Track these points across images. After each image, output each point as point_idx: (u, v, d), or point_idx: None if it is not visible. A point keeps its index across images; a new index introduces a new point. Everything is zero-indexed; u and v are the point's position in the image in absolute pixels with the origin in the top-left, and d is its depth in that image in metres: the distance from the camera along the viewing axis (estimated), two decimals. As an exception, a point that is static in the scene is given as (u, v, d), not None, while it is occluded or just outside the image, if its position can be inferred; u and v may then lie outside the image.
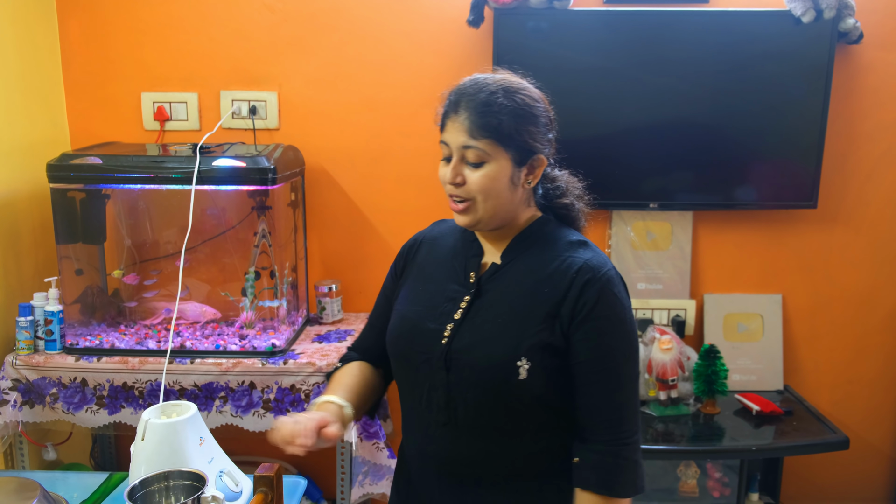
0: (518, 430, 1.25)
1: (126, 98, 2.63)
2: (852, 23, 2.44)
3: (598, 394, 1.23)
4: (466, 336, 1.25)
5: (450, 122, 1.24)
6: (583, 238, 1.33)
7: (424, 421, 1.30)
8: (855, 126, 2.63)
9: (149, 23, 2.58)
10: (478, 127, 1.20)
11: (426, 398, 1.28)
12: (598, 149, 2.56)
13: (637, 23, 2.48)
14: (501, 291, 1.27)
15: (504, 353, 1.21)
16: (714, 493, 2.56)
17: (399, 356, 1.34)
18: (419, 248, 1.42)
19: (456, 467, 1.28)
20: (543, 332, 1.21)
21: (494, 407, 1.23)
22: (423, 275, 1.37)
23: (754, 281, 2.75)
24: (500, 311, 1.25)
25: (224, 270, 2.48)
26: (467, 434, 1.25)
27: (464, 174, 1.23)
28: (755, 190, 2.59)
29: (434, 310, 1.30)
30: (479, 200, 1.23)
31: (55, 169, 2.19)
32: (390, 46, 2.59)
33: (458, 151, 1.23)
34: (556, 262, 1.26)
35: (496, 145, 1.21)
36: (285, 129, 2.64)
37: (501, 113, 1.21)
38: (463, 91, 1.24)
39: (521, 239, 1.30)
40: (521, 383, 1.20)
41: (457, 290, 1.30)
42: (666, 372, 2.46)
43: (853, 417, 2.82)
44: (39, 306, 2.23)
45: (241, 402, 2.19)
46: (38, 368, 2.20)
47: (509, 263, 1.29)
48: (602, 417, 1.23)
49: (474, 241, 1.34)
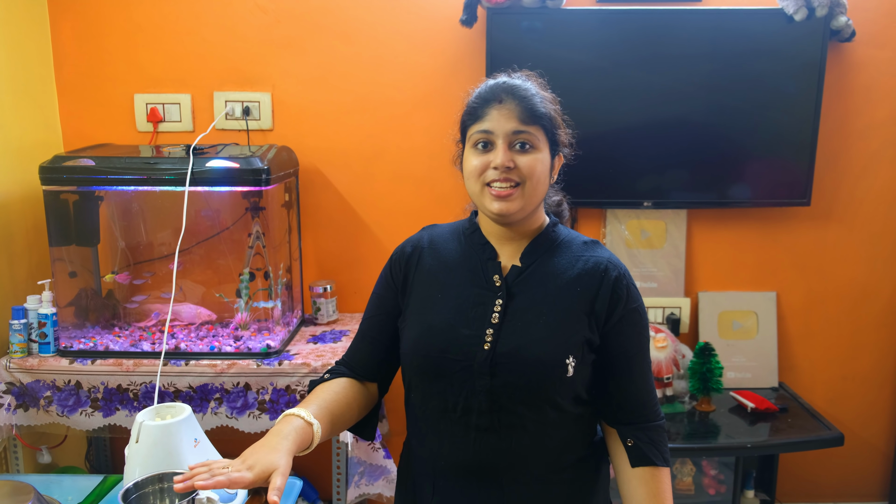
0: (553, 427, 1.28)
1: (119, 99, 2.62)
2: (844, 21, 2.44)
3: (637, 380, 1.32)
4: (512, 339, 1.26)
5: (494, 111, 1.27)
6: (592, 238, 1.40)
7: (460, 429, 1.28)
8: (847, 124, 2.64)
9: (141, 24, 2.58)
10: (529, 114, 1.26)
11: (462, 405, 1.27)
12: (593, 147, 2.54)
13: (630, 21, 2.49)
14: (534, 293, 1.29)
15: (554, 352, 1.24)
16: (710, 491, 2.57)
17: (428, 367, 1.30)
18: (421, 255, 1.38)
19: (498, 471, 1.28)
20: (584, 329, 1.27)
21: (539, 405, 1.25)
22: (437, 282, 1.35)
23: (749, 278, 2.75)
24: (543, 312, 1.27)
25: (218, 272, 2.48)
26: (511, 436, 1.26)
27: (514, 159, 1.26)
28: (749, 188, 2.59)
29: (463, 315, 1.29)
30: (529, 184, 1.26)
31: (48, 171, 2.18)
32: (384, 46, 2.59)
33: (506, 138, 1.26)
34: (580, 262, 1.32)
35: (542, 133, 1.28)
36: (279, 130, 2.64)
37: (543, 105, 1.29)
38: (503, 82, 1.31)
39: (540, 241, 1.34)
40: (568, 380, 1.25)
41: (482, 294, 1.30)
42: (661, 370, 2.47)
43: (848, 414, 2.83)
44: (33, 309, 2.22)
45: (237, 404, 2.18)
46: (31, 371, 2.19)
47: (532, 265, 1.31)
48: (641, 400, 1.32)
49: (486, 244, 1.34)
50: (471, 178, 1.29)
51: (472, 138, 1.29)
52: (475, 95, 1.33)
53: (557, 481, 1.31)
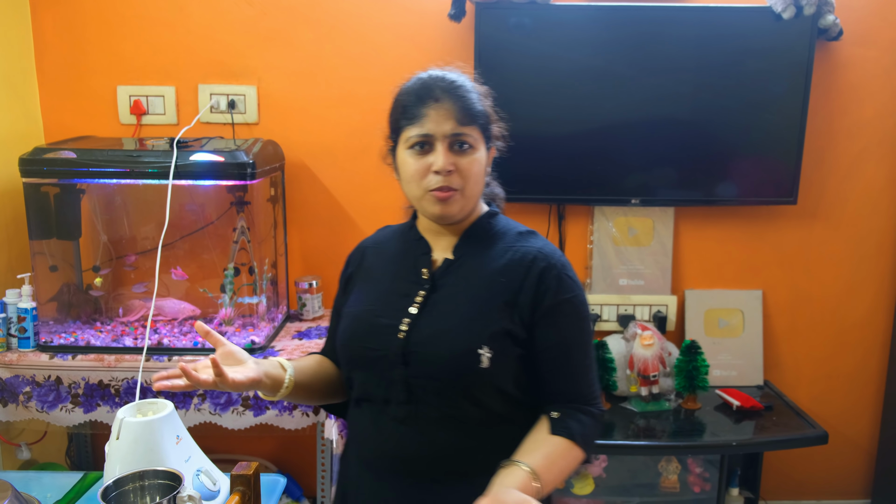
0: (476, 423, 1.25)
1: (101, 91, 2.59)
2: (832, 19, 2.45)
3: (576, 372, 1.29)
4: (426, 329, 1.25)
5: (431, 111, 1.24)
6: (530, 229, 1.37)
7: (381, 420, 1.28)
8: (834, 122, 2.65)
9: (124, 14, 2.54)
10: (466, 113, 1.24)
11: (384, 396, 1.27)
12: (580, 144, 2.55)
13: (618, 18, 2.48)
14: (457, 284, 1.28)
15: (466, 341, 1.22)
16: (695, 489, 2.57)
17: (352, 356, 1.33)
18: (364, 254, 1.44)
19: (414, 465, 1.27)
20: (503, 321, 1.24)
21: (456, 398, 1.23)
22: (373, 277, 1.38)
23: (735, 277, 2.76)
24: (459, 303, 1.26)
25: (202, 266, 2.45)
26: (428, 430, 1.25)
27: (454, 161, 1.24)
28: (736, 186, 2.60)
29: (387, 307, 1.30)
30: (468, 187, 1.26)
31: (28, 163, 2.14)
32: (371, 40, 2.57)
33: (444, 140, 1.23)
34: (509, 253, 1.29)
35: (479, 133, 1.27)
36: (265, 124, 2.61)
37: (479, 102, 1.28)
38: (435, 80, 1.27)
39: (471, 233, 1.33)
40: (483, 372, 1.21)
41: (409, 287, 1.31)
42: (647, 367, 2.46)
43: (832, 412, 2.84)
44: (12, 303, 2.19)
45: (220, 400, 2.16)
46: (10, 366, 2.15)
47: (462, 257, 1.31)
48: (581, 392, 1.29)
49: (420, 240, 1.36)
50: (411, 182, 1.27)
51: (408, 140, 1.27)
52: (408, 92, 1.29)
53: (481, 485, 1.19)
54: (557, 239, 2.71)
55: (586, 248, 2.73)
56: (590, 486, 2.57)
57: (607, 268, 2.70)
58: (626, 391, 2.53)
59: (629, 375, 2.52)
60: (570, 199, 2.64)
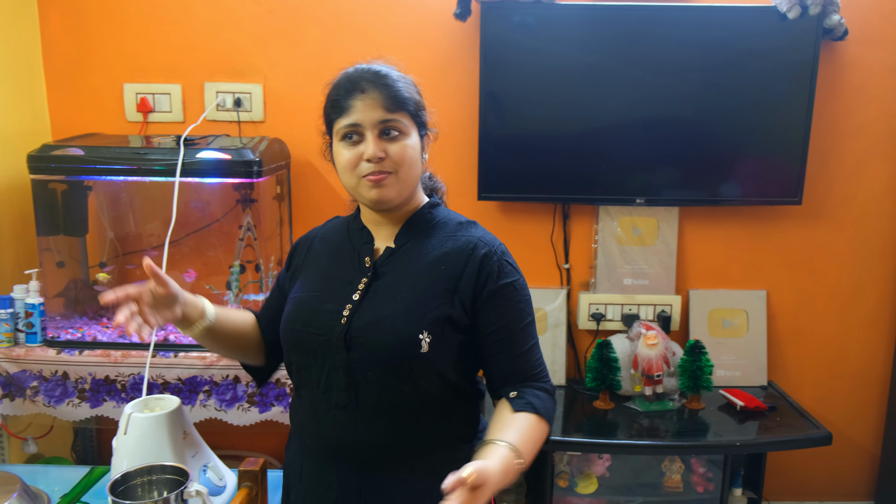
0: (419, 410, 1.27)
1: (108, 89, 2.60)
2: (837, 19, 2.45)
3: (522, 354, 1.30)
4: (367, 314, 1.27)
5: (358, 102, 1.27)
6: (470, 219, 1.40)
7: (323, 407, 1.30)
8: (839, 123, 2.65)
9: (131, 12, 2.55)
10: (393, 101, 1.27)
11: (325, 382, 1.29)
12: (585, 144, 2.56)
13: (622, 18, 2.48)
14: (399, 272, 1.31)
15: (406, 327, 1.24)
16: (698, 489, 2.57)
17: (294, 340, 1.34)
18: (311, 243, 1.46)
19: (356, 452, 1.28)
20: (443, 307, 1.26)
21: (396, 384, 1.25)
22: (318, 265, 1.41)
23: (739, 277, 2.76)
24: (401, 290, 1.28)
25: (208, 264, 2.46)
26: (368, 416, 1.26)
27: (384, 148, 1.27)
28: (740, 186, 2.60)
29: (331, 293, 1.33)
30: (401, 171, 1.28)
31: (36, 160, 2.15)
32: (376, 39, 2.58)
33: (374, 127, 1.26)
34: (450, 242, 1.32)
35: (409, 119, 1.30)
36: (270, 122, 2.62)
37: (406, 90, 1.31)
38: (359, 72, 1.31)
39: (413, 222, 1.36)
40: (423, 357, 1.23)
41: (353, 275, 1.33)
42: (651, 367, 2.47)
43: (836, 413, 2.84)
44: (20, 298, 2.20)
45: (226, 396, 2.17)
46: (18, 361, 2.17)
47: (403, 246, 1.34)
48: (529, 373, 1.31)
49: (363, 229, 1.38)
50: (346, 172, 1.30)
51: (339, 132, 1.30)
52: (336, 87, 1.32)
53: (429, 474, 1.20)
54: (562, 238, 2.72)
55: (591, 247, 2.73)
56: (593, 486, 2.57)
57: (612, 267, 2.70)
58: (630, 391, 2.53)
59: (633, 375, 2.52)
60: (574, 198, 2.64)
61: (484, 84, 2.49)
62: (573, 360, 2.79)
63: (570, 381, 2.73)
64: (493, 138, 2.53)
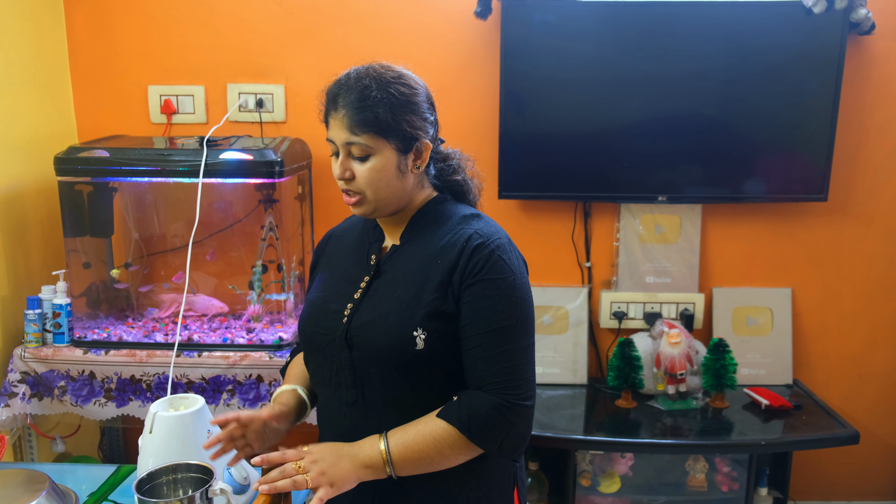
0: (423, 403, 1.26)
1: (133, 91, 2.63)
2: (864, 13, 2.41)
3: (488, 358, 1.23)
4: (365, 313, 1.28)
5: (332, 120, 1.27)
6: (476, 211, 1.37)
7: (335, 404, 1.33)
8: (866, 118, 2.61)
9: (155, 15, 2.58)
10: (356, 122, 1.23)
11: (335, 380, 1.31)
12: (607, 141, 2.54)
13: (644, 15, 2.46)
14: (398, 269, 1.31)
15: (400, 324, 1.24)
16: (723, 488, 2.55)
17: (307, 340, 1.37)
18: (328, 242, 1.49)
19: None
20: (436, 301, 1.24)
21: (398, 380, 1.25)
22: (332, 264, 1.43)
23: (764, 274, 2.73)
24: (397, 287, 1.28)
25: (231, 264, 2.48)
26: (376, 412, 1.28)
27: (352, 168, 1.26)
28: (765, 183, 2.57)
29: (337, 293, 1.35)
30: (369, 193, 1.27)
31: (63, 162, 2.19)
32: (397, 38, 2.58)
33: (343, 148, 1.26)
34: (448, 236, 1.30)
35: (377, 138, 1.24)
36: (292, 122, 2.64)
37: (377, 106, 1.24)
38: (339, 87, 1.29)
39: (417, 219, 1.35)
40: (420, 353, 1.23)
41: (359, 273, 1.35)
42: (674, 366, 2.45)
43: (863, 412, 2.80)
44: (47, 299, 2.23)
45: (249, 396, 2.19)
46: (46, 361, 2.20)
47: (407, 243, 1.33)
48: (493, 380, 1.22)
49: (376, 228, 1.39)
50: None
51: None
52: (326, 95, 1.32)
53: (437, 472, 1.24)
54: (583, 236, 2.70)
55: (613, 245, 2.72)
56: (616, 485, 2.56)
57: (634, 265, 2.69)
58: (653, 389, 2.52)
59: (656, 374, 2.51)
60: (596, 196, 2.62)
61: (504, 82, 2.49)
62: (595, 359, 2.78)
63: (592, 379, 2.72)
64: (514, 136, 2.53)
